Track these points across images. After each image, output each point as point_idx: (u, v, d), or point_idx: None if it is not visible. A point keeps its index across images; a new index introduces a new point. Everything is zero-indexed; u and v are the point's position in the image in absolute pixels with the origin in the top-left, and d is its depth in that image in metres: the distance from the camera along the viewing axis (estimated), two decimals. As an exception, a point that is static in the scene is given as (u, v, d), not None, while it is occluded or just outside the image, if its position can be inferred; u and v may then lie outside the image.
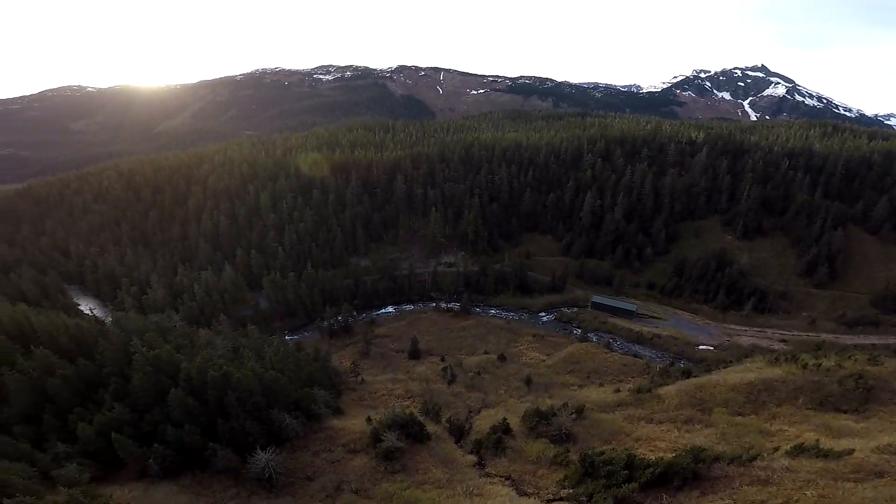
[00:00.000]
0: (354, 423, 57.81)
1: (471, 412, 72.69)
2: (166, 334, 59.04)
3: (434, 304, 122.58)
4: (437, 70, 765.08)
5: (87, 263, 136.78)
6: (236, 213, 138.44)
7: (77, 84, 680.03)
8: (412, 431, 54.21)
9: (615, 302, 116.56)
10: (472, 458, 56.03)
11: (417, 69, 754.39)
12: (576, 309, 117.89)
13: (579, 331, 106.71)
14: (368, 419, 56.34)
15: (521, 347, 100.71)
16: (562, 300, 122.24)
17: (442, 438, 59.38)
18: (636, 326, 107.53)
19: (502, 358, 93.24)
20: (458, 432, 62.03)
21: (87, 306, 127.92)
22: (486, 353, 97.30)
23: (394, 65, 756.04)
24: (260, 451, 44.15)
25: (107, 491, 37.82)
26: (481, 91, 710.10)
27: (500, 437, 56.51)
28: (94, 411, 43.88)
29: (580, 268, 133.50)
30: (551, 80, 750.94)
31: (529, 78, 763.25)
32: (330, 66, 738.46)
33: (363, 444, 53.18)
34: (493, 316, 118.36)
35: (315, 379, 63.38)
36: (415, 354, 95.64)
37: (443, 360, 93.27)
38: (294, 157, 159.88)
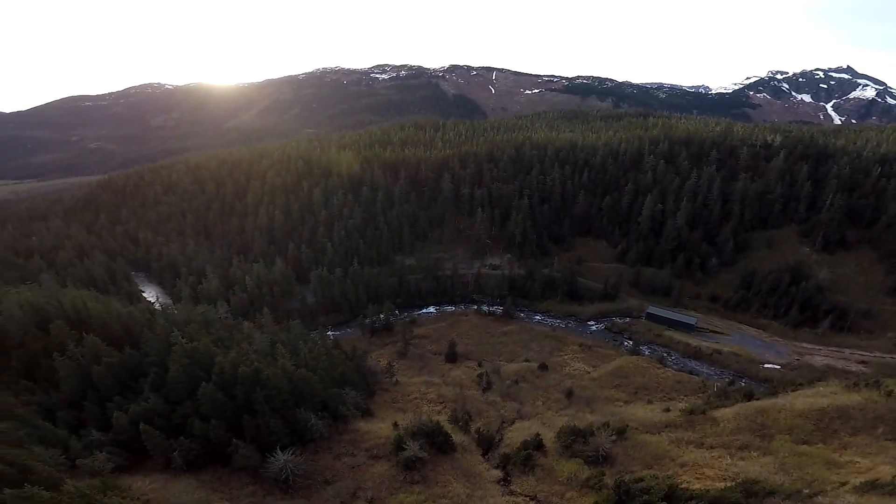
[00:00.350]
0: (381, 427, 56.58)
1: (503, 423, 69.41)
2: (210, 326, 60.91)
3: (476, 307, 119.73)
4: (489, 70, 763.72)
5: (153, 252, 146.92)
6: (290, 208, 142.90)
7: (157, 81, 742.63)
8: (437, 441, 52.05)
9: (672, 314, 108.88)
10: (498, 473, 52.82)
11: (469, 69, 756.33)
12: (628, 319, 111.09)
13: (630, 343, 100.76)
14: (395, 424, 54.80)
15: (566, 357, 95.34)
16: (613, 309, 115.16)
17: (468, 450, 56.78)
18: (694, 341, 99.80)
19: (543, 367, 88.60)
20: (487, 444, 59.10)
21: (150, 293, 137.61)
22: (526, 360, 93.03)
23: (446, 64, 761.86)
24: (279, 452, 43.74)
25: (128, 482, 38.61)
26: (535, 91, 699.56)
27: (530, 454, 52.88)
28: (132, 400, 45.31)
29: (635, 276, 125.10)
30: (611, 80, 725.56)
31: (588, 78, 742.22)
32: (386, 65, 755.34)
33: (386, 450, 51.70)
34: (538, 322, 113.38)
35: (347, 378, 62.78)
36: (452, 358, 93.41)
37: (480, 365, 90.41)
38: (346, 154, 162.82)
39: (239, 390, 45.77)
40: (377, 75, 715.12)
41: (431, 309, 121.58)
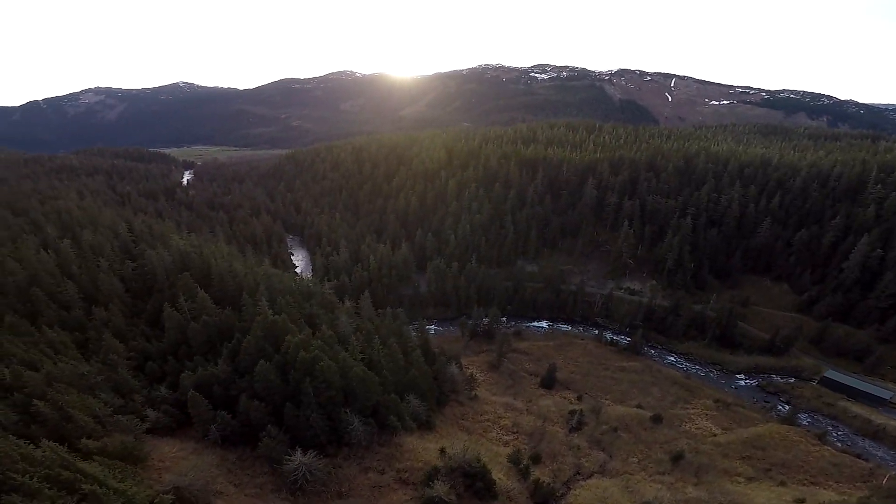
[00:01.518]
0: (429, 448, 49.43)
1: (577, 475, 57.11)
2: (311, 299, 61.34)
3: (597, 332, 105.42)
4: (666, 76, 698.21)
5: (307, 221, 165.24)
6: (426, 195, 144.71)
7: (350, 70, 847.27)
8: (476, 485, 42.95)
9: (860, 382, 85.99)
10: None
11: (643, 73, 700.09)
12: (793, 380, 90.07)
13: (787, 407, 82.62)
14: (442, 451, 46.82)
15: (691, 411, 77.97)
16: (776, 366, 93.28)
17: (515, 502, 46.28)
18: (880, 418, 77.13)
19: (657, 419, 72.31)
20: (542, 500, 47.88)
21: (299, 256, 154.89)
22: (638, 406, 77.65)
23: (614, 67, 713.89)
24: (298, 451, 39.53)
25: (157, 445, 38.08)
26: (724, 102, 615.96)
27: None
28: (211, 361, 46.07)
29: (820, 332, 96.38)
30: (828, 97, 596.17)
31: (796, 92, 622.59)
32: (546, 65, 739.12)
33: (418, 477, 44.84)
34: (669, 364, 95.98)
35: (416, 385, 56.28)
36: (548, 383, 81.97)
37: (579, 399, 78.19)
38: (485, 148, 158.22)
39: (292, 376, 43.27)
40: (536, 74, 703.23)
41: (544, 324, 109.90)
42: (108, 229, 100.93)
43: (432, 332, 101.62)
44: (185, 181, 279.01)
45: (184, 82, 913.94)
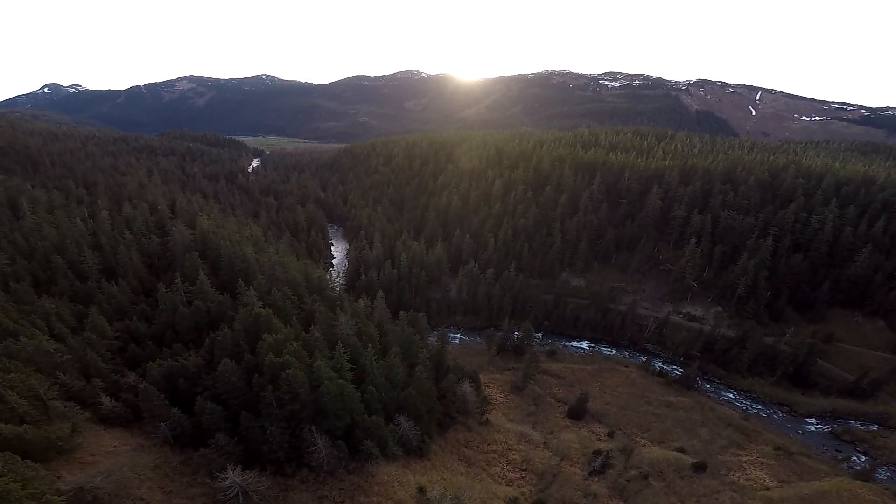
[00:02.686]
0: (408, 482, 41.43)
1: None
2: (320, 292, 56.23)
3: (644, 359, 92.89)
4: (751, 88, 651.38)
5: (352, 213, 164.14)
6: (470, 195, 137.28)
7: (416, 69, 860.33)
8: None
9: None
10: None
11: (724, 85, 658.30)
12: (876, 428, 76.62)
13: (864, 459, 70.17)
14: (421, 490, 38.74)
15: (744, 458, 64.96)
16: (858, 411, 79.90)
17: None
18: None
19: (700, 466, 59.67)
20: None
21: (339, 247, 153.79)
22: (680, 450, 65.21)
23: (693, 78, 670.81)
24: (233, 469, 33.42)
25: (92, 438, 33.37)
26: (817, 119, 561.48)
27: None
28: (191, 350, 41.67)
29: None
30: None
31: None
32: (618, 73, 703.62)
33: None
34: (726, 401, 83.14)
35: (413, 403, 48.51)
36: (577, 413, 71.56)
37: (610, 435, 67.08)
38: (539, 149, 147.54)
39: (257, 380, 37.48)
40: (606, 82, 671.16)
41: (584, 345, 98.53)
42: (150, 204, 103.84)
43: (457, 341, 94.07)
44: (252, 167, 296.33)
45: (266, 75, 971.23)
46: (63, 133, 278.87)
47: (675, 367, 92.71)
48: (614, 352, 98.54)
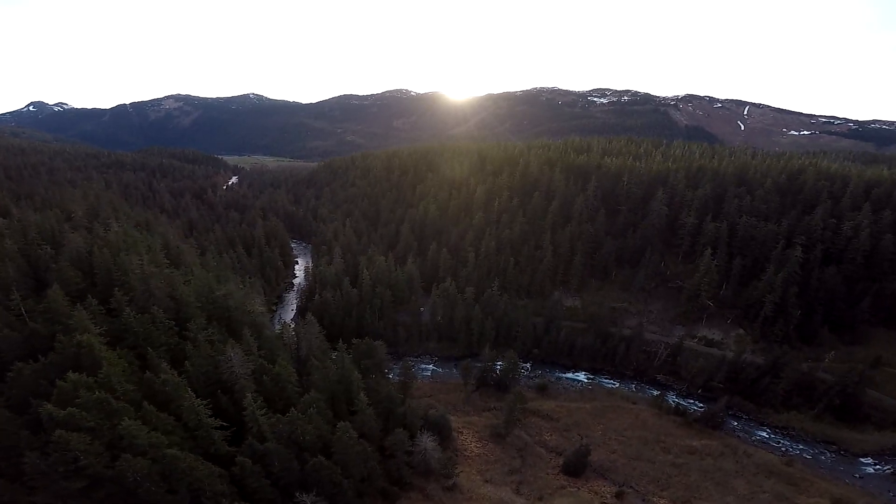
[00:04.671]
0: None
1: None
2: (230, 312, 39.75)
3: (656, 393, 77.57)
4: (739, 103, 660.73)
5: (320, 227, 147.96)
6: (449, 204, 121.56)
7: (405, 88, 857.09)
8: None
9: None
10: None
11: (712, 100, 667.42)
12: None
13: None
14: None
15: None
16: None
17: None
18: None
19: None
20: None
21: (303, 261, 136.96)
22: None
23: (681, 93, 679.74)
24: None
25: None
26: (805, 133, 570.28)
27: None
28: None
29: None
30: None
31: (889, 122, 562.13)
32: (606, 89, 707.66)
33: None
34: (760, 442, 68.81)
35: (324, 474, 31.11)
36: (575, 468, 55.75)
37: (619, 496, 52.11)
38: (525, 153, 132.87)
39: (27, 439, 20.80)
40: (595, 98, 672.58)
41: (581, 376, 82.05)
42: (63, 212, 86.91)
43: (427, 374, 76.66)
44: (229, 183, 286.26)
45: (254, 94, 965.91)
46: (31, 148, 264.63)
47: (692, 401, 77.97)
48: (618, 385, 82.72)
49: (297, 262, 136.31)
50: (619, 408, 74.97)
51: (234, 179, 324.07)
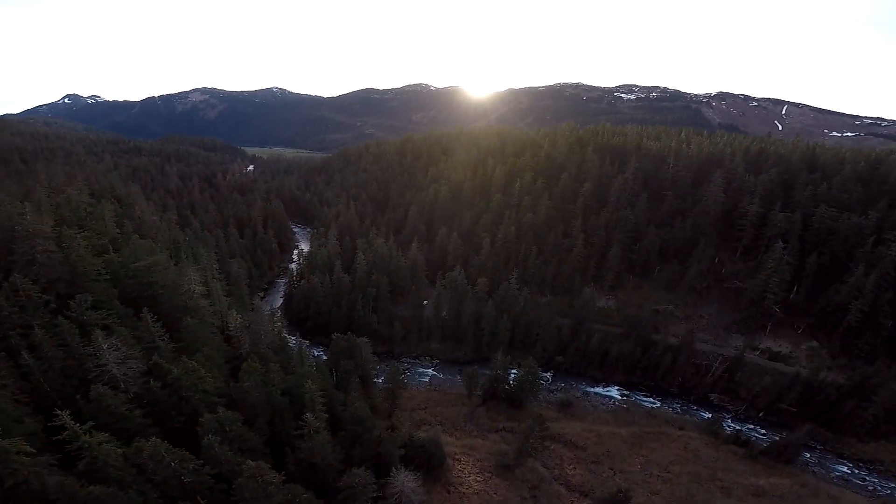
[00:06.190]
0: None
1: None
2: (154, 288, 27.63)
3: (708, 417, 63.78)
4: (776, 102, 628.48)
5: (324, 210, 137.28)
6: (463, 186, 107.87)
7: (425, 82, 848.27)
8: None
9: None
10: None
11: (747, 98, 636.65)
12: None
13: None
14: None
15: None
16: None
17: None
18: None
19: None
20: None
21: (304, 245, 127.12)
22: None
23: (713, 91, 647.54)
24: None
25: None
26: (849, 134, 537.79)
27: None
28: None
29: None
30: None
31: None
32: (633, 85, 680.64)
33: None
34: (842, 480, 55.99)
35: None
36: None
37: None
38: (551, 133, 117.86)
39: None
40: (622, 94, 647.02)
41: (614, 392, 67.76)
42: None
43: (426, 380, 63.33)
44: (246, 171, 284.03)
45: (277, 87, 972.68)
46: (55, 135, 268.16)
47: (758, 427, 64.19)
48: (659, 404, 68.31)
49: (297, 247, 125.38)
50: (662, 434, 60.77)
51: (250, 168, 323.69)
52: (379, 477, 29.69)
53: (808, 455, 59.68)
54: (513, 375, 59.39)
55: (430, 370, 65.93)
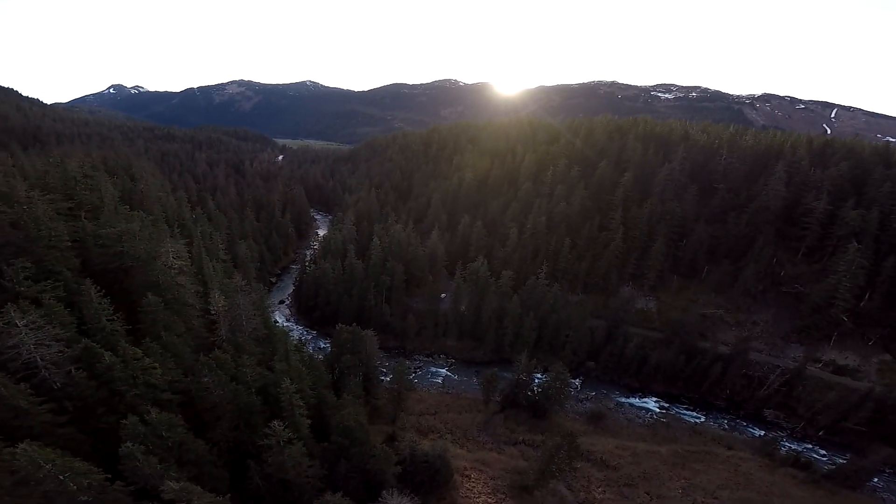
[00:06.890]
0: None
1: None
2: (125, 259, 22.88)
3: (762, 435, 56.80)
4: (825, 105, 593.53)
5: (346, 197, 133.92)
6: (489, 175, 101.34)
7: (454, 78, 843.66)
8: None
9: None
10: None
11: (794, 100, 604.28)
12: None
13: None
14: None
15: None
16: None
17: None
18: None
19: None
20: None
21: (321, 227, 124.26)
22: None
23: (757, 92, 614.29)
24: None
25: None
26: None
27: None
28: None
29: None
30: None
31: None
32: (671, 84, 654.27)
33: None
34: None
35: None
36: None
37: None
38: (586, 122, 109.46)
39: None
40: (659, 94, 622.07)
41: (651, 403, 60.20)
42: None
43: (439, 381, 57.48)
44: (277, 159, 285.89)
45: (310, 81, 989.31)
46: (95, 121, 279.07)
47: (819, 447, 56.83)
48: (703, 419, 60.67)
49: (317, 234, 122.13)
50: (708, 454, 53.38)
51: (279, 157, 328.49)
52: (369, 499, 24.06)
53: (876, 479, 51.88)
54: (537, 381, 52.79)
55: (444, 370, 60.02)
